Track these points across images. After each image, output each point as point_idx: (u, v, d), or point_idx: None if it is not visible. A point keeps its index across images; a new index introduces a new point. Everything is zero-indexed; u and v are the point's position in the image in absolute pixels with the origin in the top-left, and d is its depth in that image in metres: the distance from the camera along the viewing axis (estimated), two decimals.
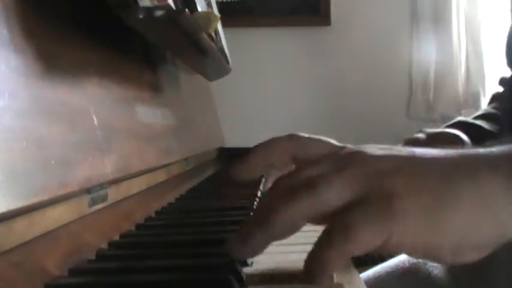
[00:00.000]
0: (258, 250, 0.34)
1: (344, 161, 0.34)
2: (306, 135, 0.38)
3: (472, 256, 0.32)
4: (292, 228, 0.33)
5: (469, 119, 0.88)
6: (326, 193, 0.32)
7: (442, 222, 0.30)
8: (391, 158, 0.33)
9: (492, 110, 0.89)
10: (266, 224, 0.32)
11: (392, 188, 0.31)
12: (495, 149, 0.33)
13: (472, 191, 0.31)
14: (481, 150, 0.33)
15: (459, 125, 0.86)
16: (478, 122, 0.85)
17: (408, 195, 0.30)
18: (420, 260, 0.68)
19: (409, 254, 0.32)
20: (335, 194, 0.32)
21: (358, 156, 0.34)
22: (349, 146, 0.37)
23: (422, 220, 0.30)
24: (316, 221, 0.34)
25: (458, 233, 0.30)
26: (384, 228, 0.30)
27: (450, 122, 0.89)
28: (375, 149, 0.35)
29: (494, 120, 0.84)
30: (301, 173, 0.34)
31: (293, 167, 0.38)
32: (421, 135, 0.85)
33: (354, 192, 0.32)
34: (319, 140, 0.38)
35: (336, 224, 0.31)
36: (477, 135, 0.81)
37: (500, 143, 0.34)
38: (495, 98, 0.92)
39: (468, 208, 0.30)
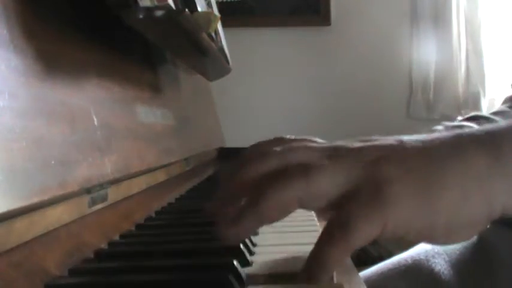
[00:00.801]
0: (248, 233, 0.35)
1: (335, 151, 0.34)
2: (292, 136, 0.38)
3: (465, 235, 0.32)
4: (284, 212, 0.33)
5: (486, 114, 0.87)
6: (318, 179, 0.32)
7: (432, 201, 0.31)
8: (379, 148, 0.34)
9: (507, 109, 0.88)
10: (257, 208, 0.33)
11: (382, 174, 0.31)
12: (481, 127, 0.34)
13: (458, 168, 0.31)
14: (466, 129, 0.34)
15: (476, 119, 0.85)
16: (494, 117, 0.85)
17: (397, 180, 0.31)
18: (422, 257, 0.68)
19: (406, 237, 0.32)
20: (327, 180, 0.32)
21: (347, 148, 0.34)
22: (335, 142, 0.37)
23: (413, 202, 0.31)
24: (309, 207, 0.34)
25: (449, 211, 0.31)
26: (379, 216, 0.30)
27: (467, 116, 0.88)
28: (359, 142, 0.35)
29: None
30: (291, 155, 0.35)
31: None
32: (440, 128, 0.85)
33: (345, 180, 0.32)
34: (305, 139, 0.38)
35: (334, 222, 0.31)
36: None
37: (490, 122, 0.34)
38: (509, 99, 0.91)
39: (455, 185, 0.31)
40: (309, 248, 0.32)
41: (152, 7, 0.53)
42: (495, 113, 0.87)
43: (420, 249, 0.69)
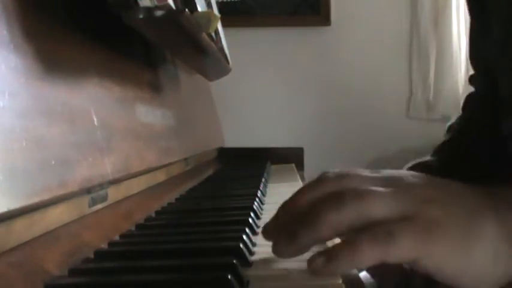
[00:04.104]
0: (304, 250, 0.36)
1: (389, 180, 0.37)
2: (335, 173, 0.39)
3: (487, 285, 0.34)
4: (336, 232, 0.35)
5: (430, 160, 0.80)
6: (374, 205, 0.34)
7: (467, 252, 0.33)
8: (431, 187, 0.36)
9: (446, 139, 0.81)
10: (313, 228, 0.34)
11: (431, 215, 0.33)
12: (506, 187, 0.37)
13: (493, 226, 0.34)
14: (501, 188, 0.37)
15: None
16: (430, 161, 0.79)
17: (443, 225, 0.33)
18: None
19: (434, 275, 0.34)
20: (382, 207, 0.34)
21: (402, 179, 0.37)
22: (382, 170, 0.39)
23: (452, 248, 0.33)
24: (354, 228, 0.35)
25: (479, 264, 0.33)
26: (420, 247, 0.32)
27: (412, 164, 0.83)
28: (411, 176, 0.38)
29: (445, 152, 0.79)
30: (347, 181, 0.37)
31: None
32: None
33: (398, 210, 0.34)
34: (350, 170, 0.40)
35: (383, 228, 0.33)
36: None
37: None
38: (465, 107, 0.83)
39: (490, 242, 0.34)
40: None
41: (152, 7, 0.52)
42: (436, 151, 0.80)
43: None
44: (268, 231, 0.40)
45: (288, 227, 0.36)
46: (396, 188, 0.35)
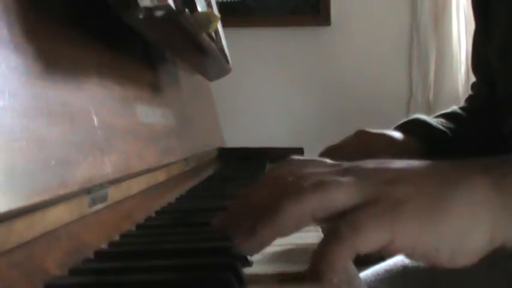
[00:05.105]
0: (265, 245, 0.35)
1: (350, 169, 0.36)
2: (301, 158, 0.39)
3: (466, 260, 0.33)
4: (299, 225, 0.34)
5: (427, 119, 0.85)
6: (336, 194, 0.33)
7: (438, 227, 0.32)
8: (392, 170, 0.35)
9: (458, 110, 0.87)
10: (275, 220, 0.33)
11: (395, 194, 0.33)
12: (485, 159, 0.36)
13: (464, 197, 0.33)
14: (472, 159, 0.36)
15: (410, 125, 0.84)
16: (437, 121, 0.83)
17: (409, 202, 0.32)
18: None
19: (409, 257, 0.34)
20: (344, 195, 0.33)
21: (362, 167, 0.36)
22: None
23: (422, 225, 0.32)
24: (320, 221, 0.35)
25: (453, 238, 0.32)
26: (388, 229, 0.32)
27: (403, 121, 0.88)
28: (372, 163, 0.37)
29: (456, 120, 0.83)
30: (307, 172, 0.36)
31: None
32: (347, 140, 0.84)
33: (360, 196, 0.33)
34: (315, 160, 0.40)
35: (345, 221, 0.32)
36: (430, 136, 0.80)
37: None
38: (466, 100, 0.91)
39: (461, 213, 0.32)
40: (309, 248, 0.32)
41: (152, 7, 0.52)
42: (442, 115, 0.85)
43: None
44: (220, 226, 0.38)
45: (247, 220, 0.35)
46: (356, 176, 0.35)
